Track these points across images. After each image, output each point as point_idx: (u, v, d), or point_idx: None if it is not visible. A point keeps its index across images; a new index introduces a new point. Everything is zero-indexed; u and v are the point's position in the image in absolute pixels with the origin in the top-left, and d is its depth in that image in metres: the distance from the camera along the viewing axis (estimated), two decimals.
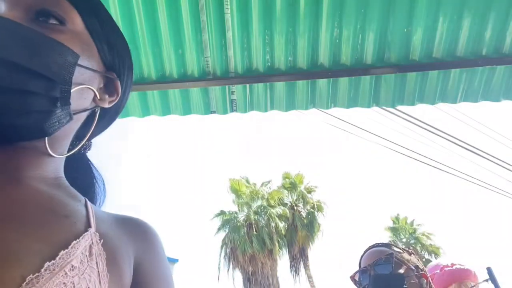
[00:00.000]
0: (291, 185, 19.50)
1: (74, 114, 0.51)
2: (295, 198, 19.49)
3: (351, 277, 1.40)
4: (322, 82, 2.06)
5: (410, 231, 21.20)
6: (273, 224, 17.70)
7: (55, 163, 0.54)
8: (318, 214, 18.97)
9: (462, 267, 1.95)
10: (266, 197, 18.83)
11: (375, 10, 1.83)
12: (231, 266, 18.13)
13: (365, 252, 1.42)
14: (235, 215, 18.84)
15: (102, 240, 0.50)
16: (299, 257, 18.84)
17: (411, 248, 20.38)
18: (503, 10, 1.82)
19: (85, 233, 0.48)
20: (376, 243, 1.45)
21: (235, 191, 18.95)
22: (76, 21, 0.53)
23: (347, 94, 2.09)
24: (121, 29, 2.14)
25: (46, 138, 0.50)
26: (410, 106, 2.13)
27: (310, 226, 18.60)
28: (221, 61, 1.99)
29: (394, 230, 21.34)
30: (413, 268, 1.30)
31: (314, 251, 20.00)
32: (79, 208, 0.52)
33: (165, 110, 2.14)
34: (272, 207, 18.38)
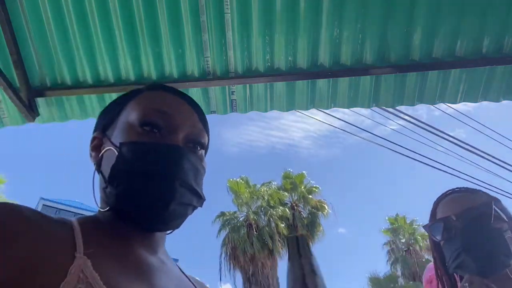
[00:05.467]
0: (292, 185, 19.46)
1: None
2: (295, 198, 19.46)
3: (425, 226, 1.11)
4: (322, 82, 2.05)
5: (410, 231, 21.17)
6: (273, 224, 17.67)
7: (164, 238, 0.73)
8: (319, 214, 18.93)
9: None
10: (266, 198, 18.79)
11: (375, 10, 1.83)
12: (231, 266, 18.10)
13: (445, 196, 1.12)
14: (235, 215, 18.81)
15: None
16: None
17: (411, 248, 20.41)
18: (503, 10, 1.82)
19: None
20: (458, 187, 1.13)
21: (234, 191, 18.91)
22: (206, 142, 0.73)
23: (347, 94, 2.09)
24: (121, 29, 2.12)
25: None
26: (410, 106, 2.13)
27: (311, 226, 18.57)
28: (221, 61, 1.99)
29: (393, 231, 21.31)
30: (507, 220, 1.02)
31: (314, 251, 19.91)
32: (181, 274, 0.73)
33: None
34: (273, 207, 18.34)
